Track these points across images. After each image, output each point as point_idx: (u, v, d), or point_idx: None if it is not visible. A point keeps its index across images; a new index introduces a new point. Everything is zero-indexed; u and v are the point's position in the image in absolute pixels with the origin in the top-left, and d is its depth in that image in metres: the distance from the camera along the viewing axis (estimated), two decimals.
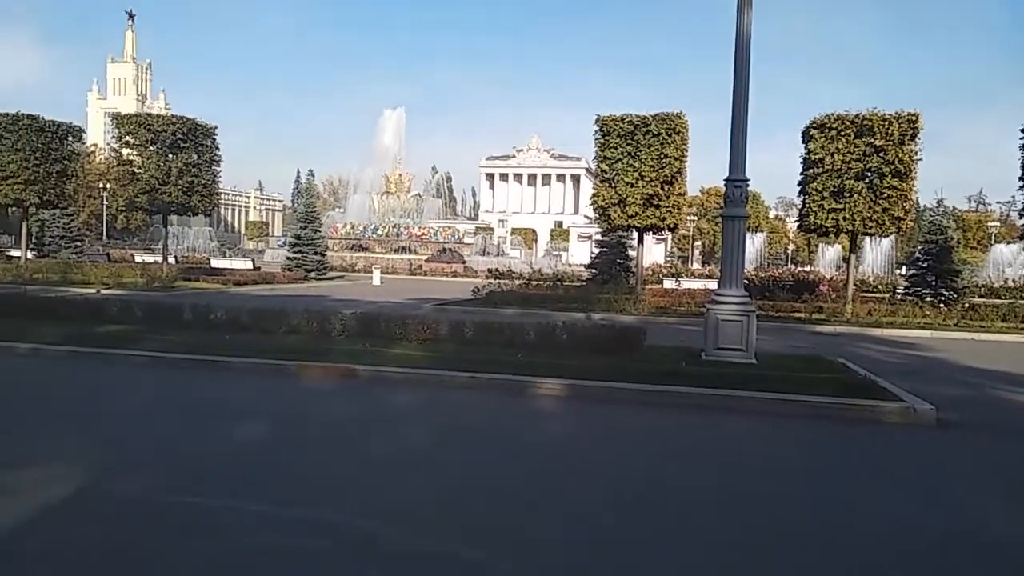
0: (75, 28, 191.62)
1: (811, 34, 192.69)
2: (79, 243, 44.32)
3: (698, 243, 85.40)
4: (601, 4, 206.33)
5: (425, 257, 50.34)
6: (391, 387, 8.98)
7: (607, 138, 21.71)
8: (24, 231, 29.41)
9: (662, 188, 21.19)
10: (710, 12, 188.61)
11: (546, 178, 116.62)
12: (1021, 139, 19.61)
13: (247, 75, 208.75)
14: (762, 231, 78.26)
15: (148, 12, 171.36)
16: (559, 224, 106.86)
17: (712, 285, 21.91)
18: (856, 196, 19.97)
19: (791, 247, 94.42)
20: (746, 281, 12.47)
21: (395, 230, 56.23)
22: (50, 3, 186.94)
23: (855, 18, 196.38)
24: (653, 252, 65.33)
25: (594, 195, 22.61)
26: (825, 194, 20.36)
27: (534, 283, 27.89)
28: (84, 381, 9.18)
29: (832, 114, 20.50)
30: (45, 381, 9.16)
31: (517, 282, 27.39)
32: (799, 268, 51.70)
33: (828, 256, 63.78)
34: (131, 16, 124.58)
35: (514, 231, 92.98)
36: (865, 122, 19.99)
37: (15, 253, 33.31)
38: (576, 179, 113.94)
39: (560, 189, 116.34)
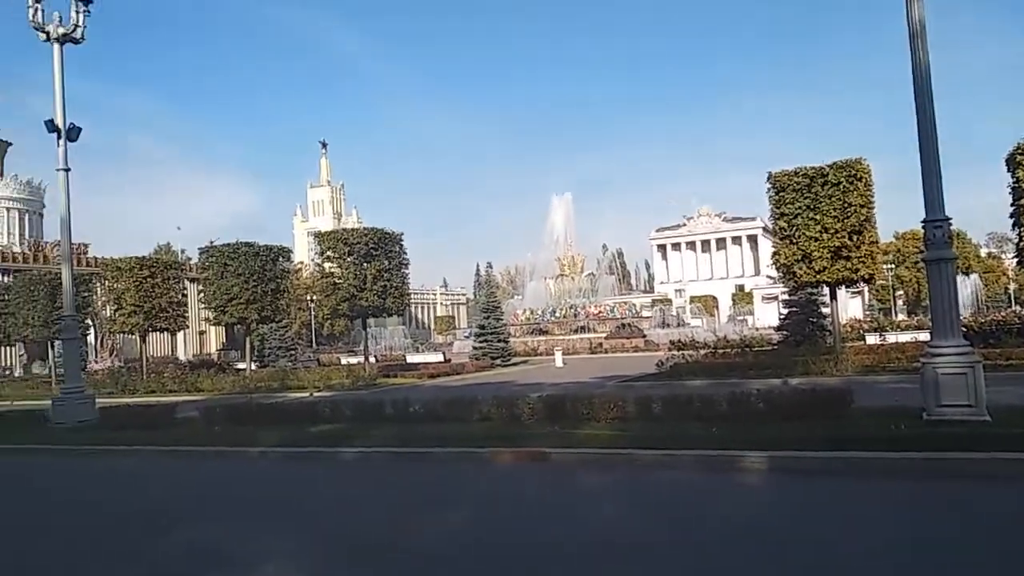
0: (280, 163, 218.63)
1: (992, 61, 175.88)
2: (293, 351, 48.97)
3: (900, 292, 78.24)
4: (753, 65, 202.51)
5: (604, 335, 50.26)
6: (584, 468, 8.90)
7: (782, 194, 20.88)
8: (247, 345, 33.13)
9: (850, 238, 19.85)
10: (872, 53, 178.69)
11: (720, 242, 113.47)
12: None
13: (424, 182, 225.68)
14: (974, 272, 70.30)
15: (339, 140, 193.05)
16: (740, 287, 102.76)
17: (923, 336, 19.89)
18: None
19: (1012, 287, 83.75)
20: (963, 328, 11.18)
21: (572, 311, 56.89)
22: (259, 147, 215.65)
23: None
24: (849, 307, 60.69)
25: (775, 254, 21.64)
26: None
27: (720, 351, 26.81)
28: (303, 479, 9.97)
29: None
30: (271, 481, 10.05)
31: (702, 352, 26.48)
32: None
33: None
34: (324, 145, 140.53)
35: (693, 299, 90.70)
36: None
37: (241, 365, 37.48)
38: (753, 239, 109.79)
39: (737, 252, 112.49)
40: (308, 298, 67.64)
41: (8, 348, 56.33)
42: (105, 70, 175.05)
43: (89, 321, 41.94)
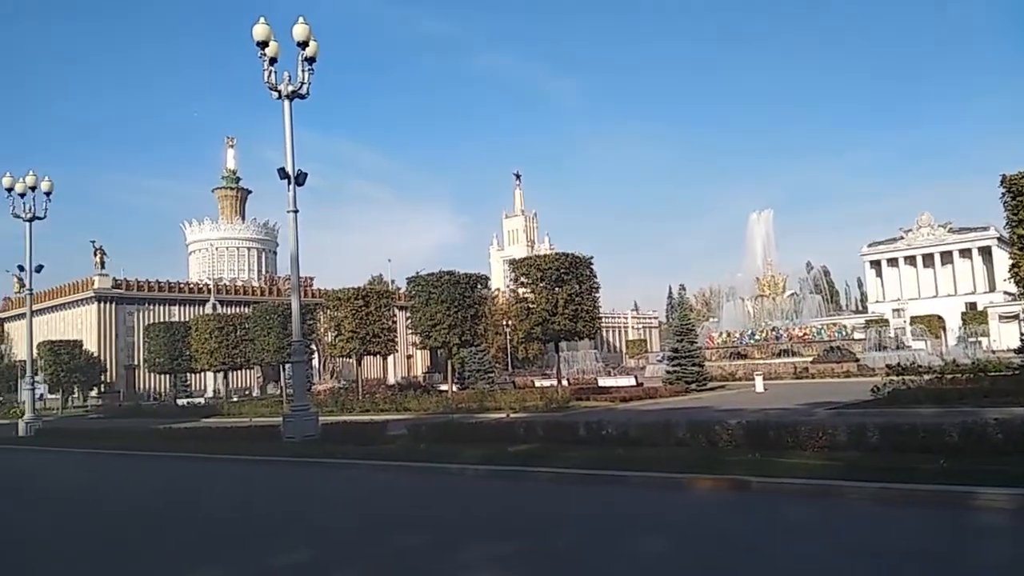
0: (477, 196, 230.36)
1: None
2: (490, 374, 50.83)
3: None
4: (970, 62, 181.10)
5: (810, 358, 46.87)
6: (787, 499, 8.36)
7: (1020, 199, 18.45)
8: (449, 367, 34.98)
9: None
10: None
11: (946, 256, 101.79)
12: None
13: (617, 204, 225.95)
14: None
15: (532, 170, 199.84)
16: (971, 306, 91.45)
17: None
18: None
19: None
20: None
21: (774, 333, 53.74)
22: (459, 183, 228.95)
23: None
24: None
25: (1013, 266, 19.11)
26: None
27: (948, 376, 23.97)
28: (501, 496, 10.30)
29: None
30: (471, 496, 10.49)
31: (926, 377, 23.85)
32: None
33: None
34: (518, 177, 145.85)
35: (914, 320, 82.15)
36: None
37: (443, 387, 39.66)
38: (986, 252, 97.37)
39: (965, 266, 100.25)
40: (504, 323, 70.09)
41: (248, 371, 63.86)
42: (328, 121, 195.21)
43: (314, 346, 46.59)
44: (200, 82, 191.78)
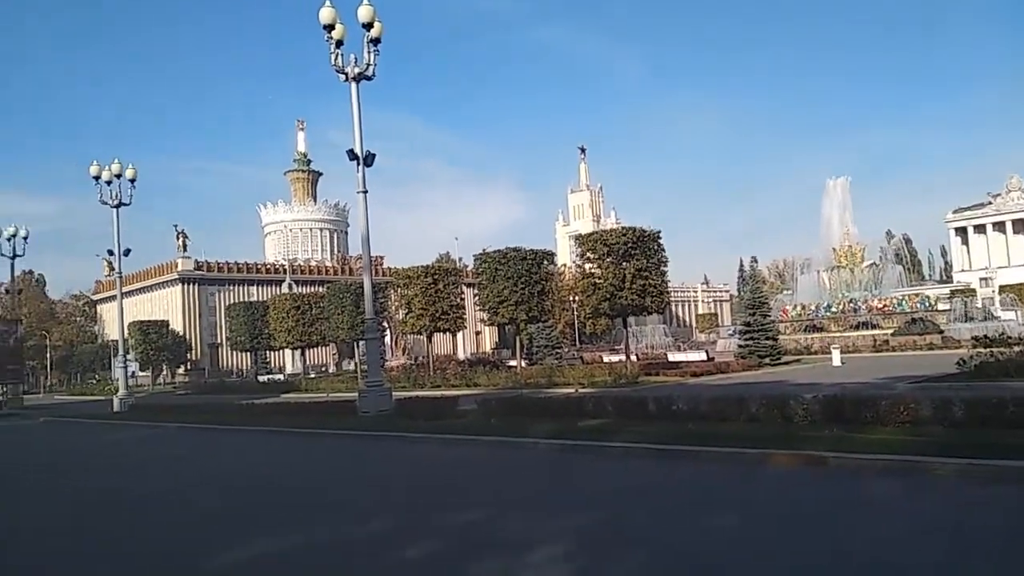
0: (543, 172, 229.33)
1: None
2: (558, 349, 50.98)
3: None
4: None
5: (891, 331, 45.17)
6: (866, 476, 8.16)
7: None
8: (517, 343, 35.23)
9: None
10: None
11: None
12: None
13: (684, 176, 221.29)
14: None
15: (597, 144, 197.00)
16: None
17: None
18: None
19: None
20: None
21: (851, 305, 51.93)
22: (525, 159, 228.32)
23: None
24: None
25: None
26: None
27: None
28: (573, 470, 10.40)
29: None
30: (543, 470, 10.63)
31: (1015, 348, 22.68)
32: None
33: None
34: (583, 151, 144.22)
35: (1003, 289, 77.94)
36: None
37: (512, 362, 39.96)
38: None
39: None
40: (571, 298, 69.94)
41: (323, 348, 65.84)
42: (394, 100, 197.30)
43: (386, 323, 47.63)
44: (270, 66, 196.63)
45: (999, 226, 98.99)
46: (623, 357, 33.16)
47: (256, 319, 49.31)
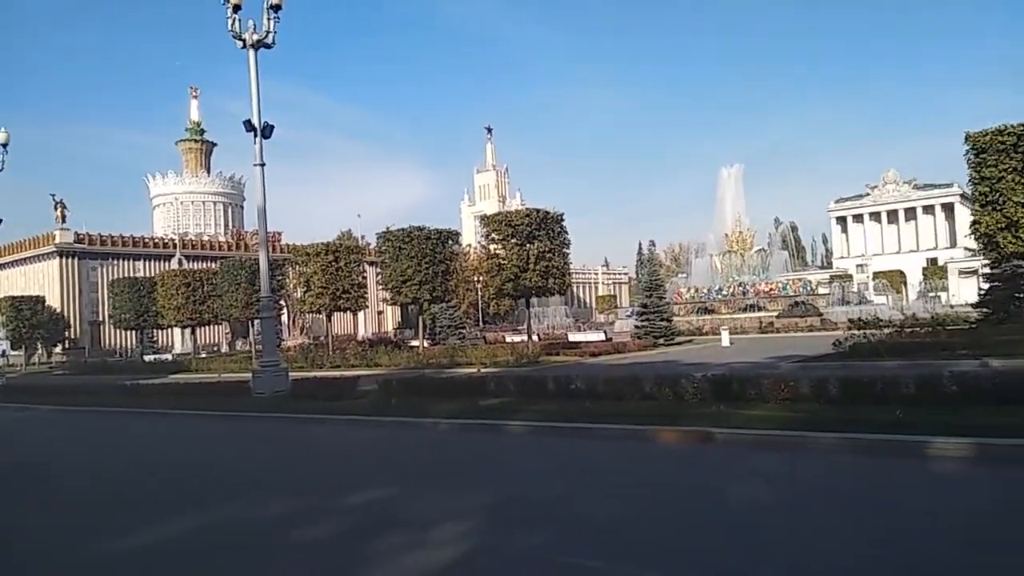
0: (449, 151, 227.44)
1: None
2: (461, 330, 51.04)
3: None
4: (946, 18, 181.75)
5: (776, 313, 47.83)
6: (749, 450, 8.63)
7: (982, 156, 18.78)
8: (420, 323, 35.02)
9: None
10: None
11: (909, 212, 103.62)
12: None
13: (589, 160, 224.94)
14: None
15: (504, 124, 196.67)
16: (932, 261, 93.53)
17: None
18: None
19: None
20: None
21: (740, 289, 54.57)
22: (431, 137, 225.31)
23: None
24: None
25: (974, 222, 19.54)
26: None
27: (908, 330, 24.62)
28: (473, 449, 10.46)
29: None
30: (444, 449, 10.64)
31: (886, 331, 24.43)
32: None
33: None
34: (489, 131, 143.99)
35: (877, 275, 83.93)
36: None
37: (415, 343, 39.70)
38: (948, 208, 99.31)
39: (928, 222, 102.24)
40: (475, 279, 70.05)
41: (216, 327, 63.25)
42: (296, 72, 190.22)
43: (283, 302, 46.18)
44: (161, 28, 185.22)
45: (875, 216, 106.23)
46: (525, 337, 33.57)
47: (142, 296, 46.66)
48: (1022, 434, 7.49)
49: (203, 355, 51.71)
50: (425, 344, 35.39)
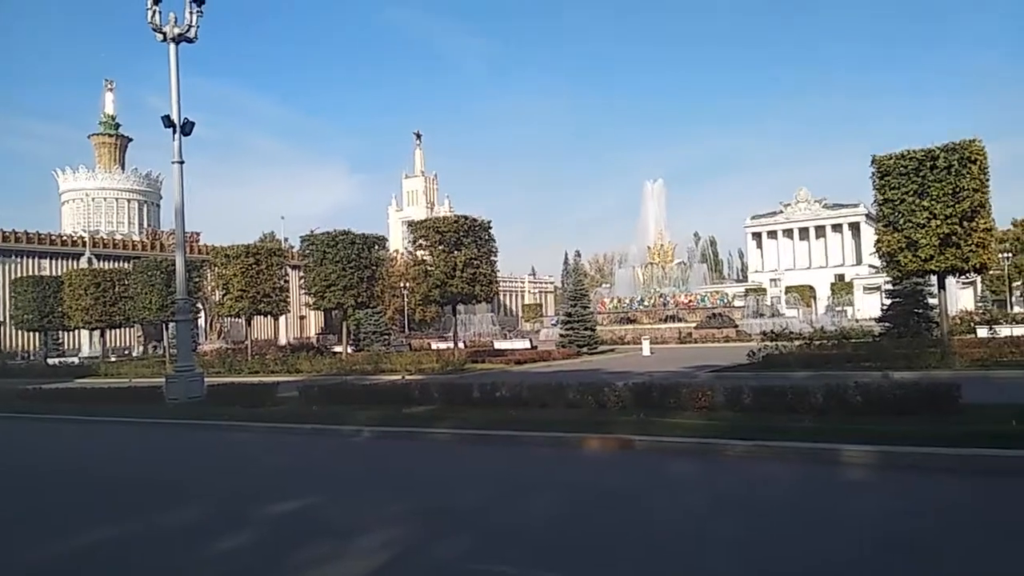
0: (378, 155, 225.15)
1: None
2: (386, 336, 50.48)
3: (1017, 284, 72.89)
4: (861, 46, 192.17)
5: (694, 324, 49.30)
6: (668, 457, 8.85)
7: (886, 179, 19.81)
8: (344, 329, 34.42)
9: (960, 225, 18.65)
10: (991, 34, 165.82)
11: (820, 230, 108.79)
12: None
13: (516, 169, 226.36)
14: None
15: (434, 131, 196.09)
16: (840, 277, 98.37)
17: None
18: None
19: None
20: None
21: (661, 300, 56.01)
22: (359, 140, 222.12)
23: None
24: (960, 298, 57.14)
25: (877, 241, 20.57)
26: None
27: (816, 343, 25.84)
28: (396, 456, 10.36)
29: None
30: (366, 457, 10.50)
31: (796, 343, 25.58)
32: None
33: None
34: (419, 137, 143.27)
35: (789, 289, 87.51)
36: None
37: (338, 349, 38.99)
38: (855, 227, 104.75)
39: (837, 240, 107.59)
40: (402, 285, 69.41)
41: (127, 330, 60.54)
42: (220, 69, 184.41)
43: (200, 305, 44.68)
44: (79, 15, 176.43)
45: (788, 233, 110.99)
46: (451, 344, 33.48)
47: (47, 295, 44.17)
48: (921, 442, 7.96)
49: (113, 359, 49.26)
50: (349, 350, 34.83)
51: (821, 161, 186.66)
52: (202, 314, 55.20)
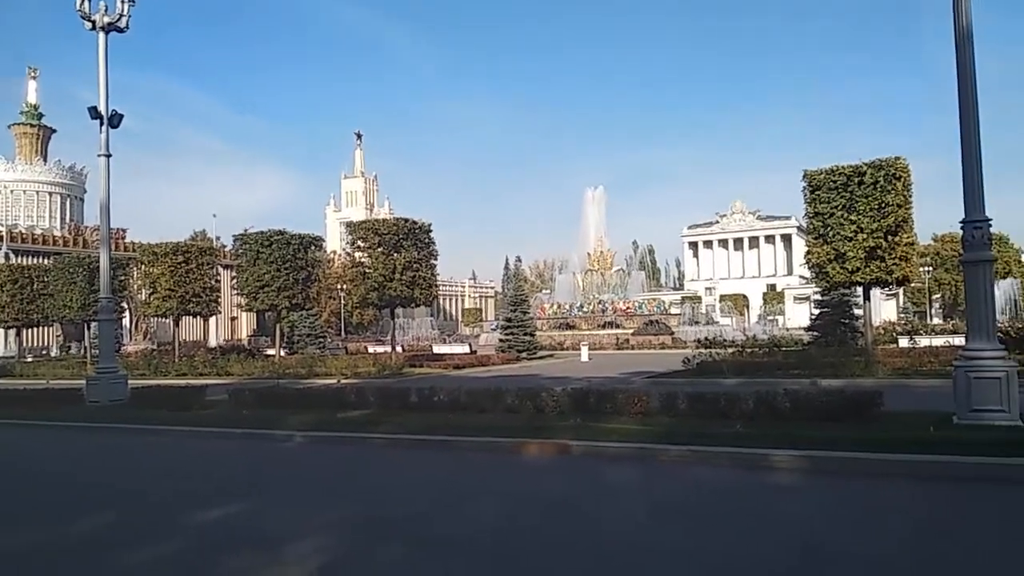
0: (316, 154, 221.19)
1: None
2: (322, 339, 49.53)
3: (936, 296, 76.62)
4: (799, 61, 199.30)
5: (632, 331, 50.01)
6: (605, 462, 8.90)
7: (817, 192, 20.50)
8: (277, 331, 33.57)
9: (885, 239, 19.44)
10: (919, 51, 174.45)
11: (753, 241, 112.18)
12: None
13: (457, 174, 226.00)
14: (1014, 276, 68.70)
15: (375, 132, 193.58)
16: (772, 287, 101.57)
17: (958, 341, 19.49)
18: None
19: None
20: (999, 333, 10.96)
21: (600, 306, 56.67)
22: (297, 138, 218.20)
23: None
24: (883, 309, 59.69)
25: (807, 253, 21.27)
26: None
27: (748, 350, 26.51)
28: (330, 462, 10.11)
29: None
30: (298, 463, 10.22)
31: (730, 350, 26.21)
32: None
33: None
34: (359, 137, 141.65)
35: (723, 298, 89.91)
36: None
37: (271, 351, 38.00)
38: (787, 239, 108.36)
39: (770, 251, 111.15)
40: (339, 287, 68.29)
41: (46, 329, 57.77)
42: (152, 61, 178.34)
43: (125, 304, 42.88)
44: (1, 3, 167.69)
45: (723, 243, 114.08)
46: (389, 348, 33.05)
47: None
48: (845, 448, 8.21)
49: (29, 359, 46.87)
50: (282, 353, 33.99)
51: (756, 173, 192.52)
52: (127, 314, 53.06)
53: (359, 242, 29.57)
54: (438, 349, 41.18)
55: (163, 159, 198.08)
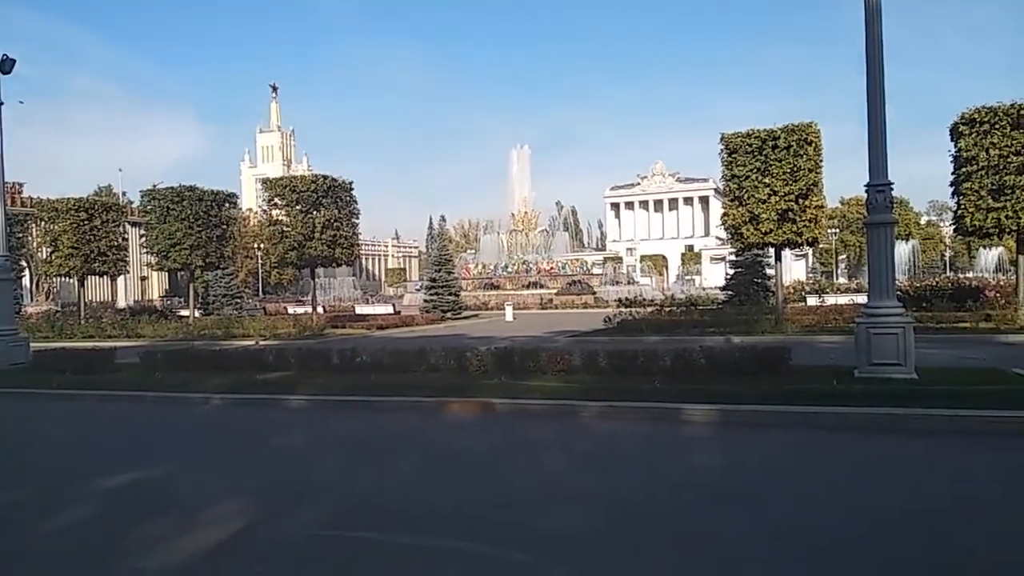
0: (229, 107, 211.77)
1: (944, 30, 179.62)
2: (239, 300, 48.08)
3: (842, 257, 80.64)
4: (718, 24, 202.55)
5: (555, 291, 50.67)
6: (528, 419, 9.05)
7: (734, 156, 21.09)
8: (191, 292, 32.39)
9: (797, 202, 20.24)
10: (835, 20, 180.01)
11: (673, 202, 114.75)
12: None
13: (379, 131, 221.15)
14: (913, 239, 72.96)
15: (290, 84, 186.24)
16: (690, 248, 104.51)
17: (861, 299, 20.58)
18: (1019, 192, 18.27)
19: (948, 253, 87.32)
20: (899, 292, 11.63)
21: (524, 266, 57.07)
22: (208, 88, 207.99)
23: (988, 9, 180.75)
24: (793, 269, 62.26)
25: (724, 215, 21.95)
26: (982, 193, 18.78)
27: (667, 309, 27.30)
28: (248, 425, 9.90)
29: (983, 107, 19.00)
30: (215, 426, 9.96)
31: (649, 309, 26.93)
32: (958, 275, 47.51)
33: (988, 260, 58.45)
34: (275, 89, 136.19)
35: (643, 258, 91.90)
36: (1023, 111, 18.33)
37: (184, 312, 36.63)
38: (705, 201, 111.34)
39: (688, 212, 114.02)
40: (255, 246, 66.22)
41: None
42: (45, 2, 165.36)
43: (24, 263, 40.45)
44: None
45: (644, 204, 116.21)
46: (309, 309, 32.40)
47: None
48: (755, 401, 8.61)
49: None
50: (196, 314, 32.90)
51: (677, 136, 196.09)
52: (27, 273, 50.00)
53: (276, 200, 28.66)
54: (361, 310, 40.67)
55: (63, 110, 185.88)
